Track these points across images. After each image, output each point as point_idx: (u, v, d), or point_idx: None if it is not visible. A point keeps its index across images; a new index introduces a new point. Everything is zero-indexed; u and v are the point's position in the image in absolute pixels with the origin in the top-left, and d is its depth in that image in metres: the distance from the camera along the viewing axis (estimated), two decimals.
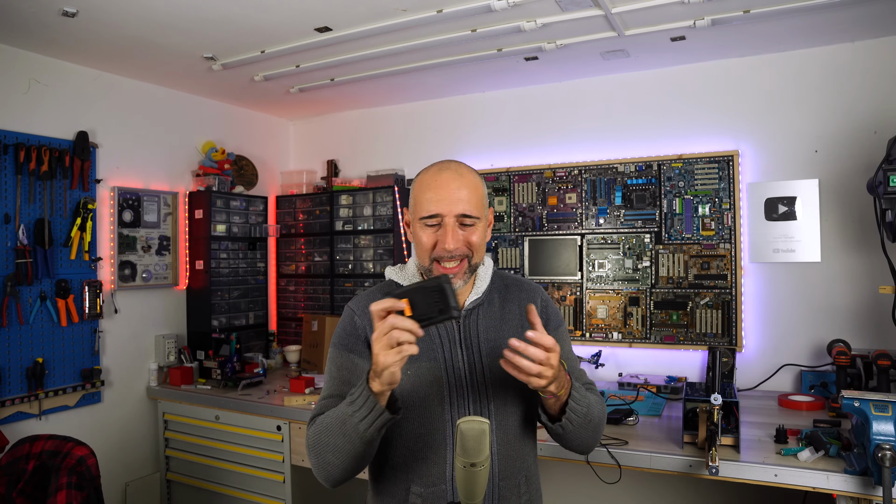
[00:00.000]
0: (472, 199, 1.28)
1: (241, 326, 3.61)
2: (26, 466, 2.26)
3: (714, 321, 2.91)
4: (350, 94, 3.55)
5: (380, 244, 3.60)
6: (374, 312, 1.09)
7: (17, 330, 2.67)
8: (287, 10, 2.34)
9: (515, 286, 1.45)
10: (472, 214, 1.28)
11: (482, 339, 1.33)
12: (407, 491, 1.29)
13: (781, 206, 2.80)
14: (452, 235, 1.26)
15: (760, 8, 2.31)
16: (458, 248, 1.27)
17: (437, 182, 1.29)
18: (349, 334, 1.36)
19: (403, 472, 1.31)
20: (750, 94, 2.89)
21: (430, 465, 1.28)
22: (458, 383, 1.30)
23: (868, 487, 1.74)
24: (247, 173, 3.82)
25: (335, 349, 1.36)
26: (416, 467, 1.29)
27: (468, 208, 1.27)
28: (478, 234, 1.30)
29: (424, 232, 1.30)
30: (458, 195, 1.27)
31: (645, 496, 2.96)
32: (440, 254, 1.27)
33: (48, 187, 2.78)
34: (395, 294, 1.10)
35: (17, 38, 2.59)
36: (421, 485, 1.28)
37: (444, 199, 1.27)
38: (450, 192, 1.27)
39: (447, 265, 1.27)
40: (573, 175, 3.23)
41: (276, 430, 2.79)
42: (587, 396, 1.28)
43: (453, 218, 1.27)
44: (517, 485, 1.33)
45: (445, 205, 1.26)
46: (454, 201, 1.27)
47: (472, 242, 1.28)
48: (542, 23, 2.44)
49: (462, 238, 1.27)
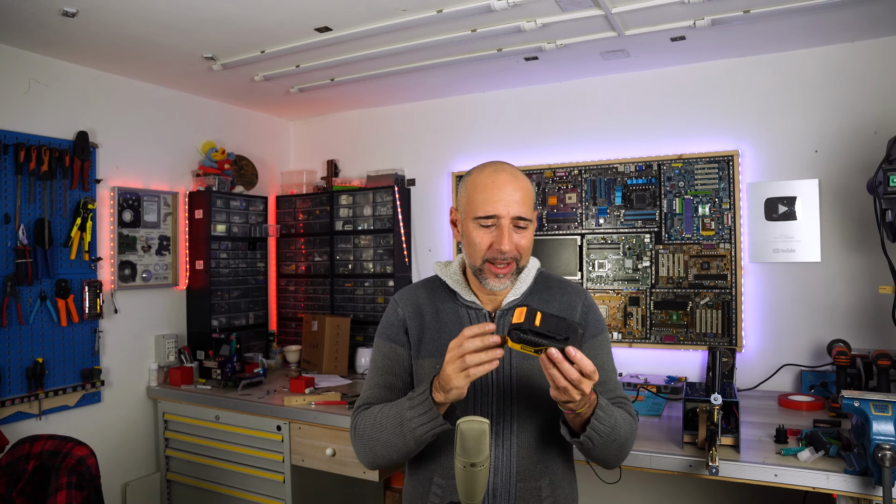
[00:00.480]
0: (526, 201, 1.30)
1: (241, 326, 3.61)
2: (26, 466, 2.26)
3: (714, 321, 2.91)
4: (350, 94, 3.55)
5: (380, 244, 3.60)
6: (465, 335, 1.11)
7: (17, 330, 2.67)
8: (287, 10, 2.34)
9: (558, 288, 1.45)
10: (526, 217, 1.29)
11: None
12: (430, 481, 1.35)
13: (781, 206, 2.80)
14: (508, 238, 1.27)
15: (760, 8, 2.31)
16: (511, 251, 1.28)
17: (495, 183, 1.29)
18: (392, 325, 1.41)
19: (429, 463, 1.36)
20: (750, 94, 2.89)
21: (450, 459, 1.31)
22: (485, 382, 1.32)
23: (868, 487, 1.74)
24: (247, 173, 3.82)
25: (380, 339, 1.42)
26: (440, 459, 1.34)
27: (523, 211, 1.29)
28: (528, 238, 1.31)
29: (478, 232, 1.30)
30: (514, 197, 1.28)
31: (645, 496, 2.96)
32: (494, 255, 1.28)
33: (48, 187, 2.78)
34: (529, 309, 1.11)
35: (17, 38, 2.59)
36: (442, 476, 1.34)
37: (501, 201, 1.27)
38: (507, 193, 1.28)
39: (499, 267, 1.28)
40: (573, 175, 3.23)
41: (276, 430, 2.79)
42: (613, 415, 1.25)
43: (509, 220, 1.28)
44: (538, 488, 1.33)
45: (503, 206, 1.27)
46: (511, 203, 1.28)
47: (521, 245, 1.29)
48: (542, 23, 2.44)
49: (516, 240, 1.28)
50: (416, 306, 1.42)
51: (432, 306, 1.41)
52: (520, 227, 1.29)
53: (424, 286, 1.46)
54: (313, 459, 2.69)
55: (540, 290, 1.42)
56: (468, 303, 1.37)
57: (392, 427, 1.23)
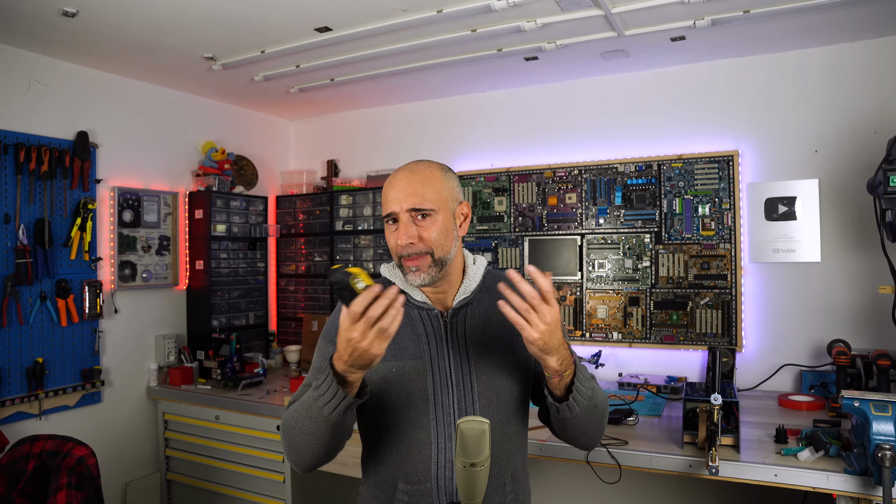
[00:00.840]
0: (425, 192, 1.28)
1: (241, 326, 3.61)
2: (26, 466, 2.26)
3: (714, 321, 2.91)
4: (350, 94, 3.55)
5: (380, 244, 3.60)
6: (357, 310, 1.08)
7: (17, 330, 2.67)
8: (287, 10, 2.34)
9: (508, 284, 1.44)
10: (423, 207, 1.27)
11: (469, 338, 1.33)
12: (394, 487, 1.31)
13: (781, 206, 2.80)
14: (405, 230, 1.27)
15: (760, 8, 2.31)
16: (411, 243, 1.27)
17: (391, 183, 1.32)
18: (335, 327, 1.37)
19: (391, 469, 1.32)
20: (750, 94, 2.89)
21: (416, 462, 1.28)
22: (444, 382, 1.31)
23: (868, 487, 1.73)
24: (247, 173, 3.83)
25: (321, 340, 1.39)
26: (402, 464, 1.30)
27: (418, 202, 1.27)
28: (435, 228, 1.28)
29: (388, 233, 1.32)
30: (409, 190, 1.28)
31: (645, 496, 2.96)
32: (401, 251, 1.29)
33: (48, 187, 2.78)
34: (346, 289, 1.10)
35: (17, 38, 2.59)
36: (407, 482, 1.29)
37: (394, 199, 1.29)
38: (399, 189, 1.29)
39: (410, 259, 1.28)
40: (573, 175, 3.23)
41: (276, 430, 2.79)
42: (592, 380, 1.28)
43: (406, 213, 1.27)
44: (502, 484, 1.32)
45: (396, 203, 1.28)
46: (404, 198, 1.28)
47: (424, 236, 1.27)
48: (542, 23, 2.44)
49: (415, 233, 1.27)
50: None
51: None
52: (420, 219, 1.28)
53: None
54: None
55: (489, 287, 1.40)
56: (419, 303, 1.36)
57: (304, 412, 1.20)
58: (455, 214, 1.34)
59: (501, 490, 1.32)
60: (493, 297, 1.39)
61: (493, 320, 1.36)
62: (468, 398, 1.31)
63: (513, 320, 1.13)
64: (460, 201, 1.37)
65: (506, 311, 1.14)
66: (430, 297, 1.37)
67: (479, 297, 1.39)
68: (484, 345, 1.33)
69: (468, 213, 1.39)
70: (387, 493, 1.32)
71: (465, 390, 1.31)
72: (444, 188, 1.32)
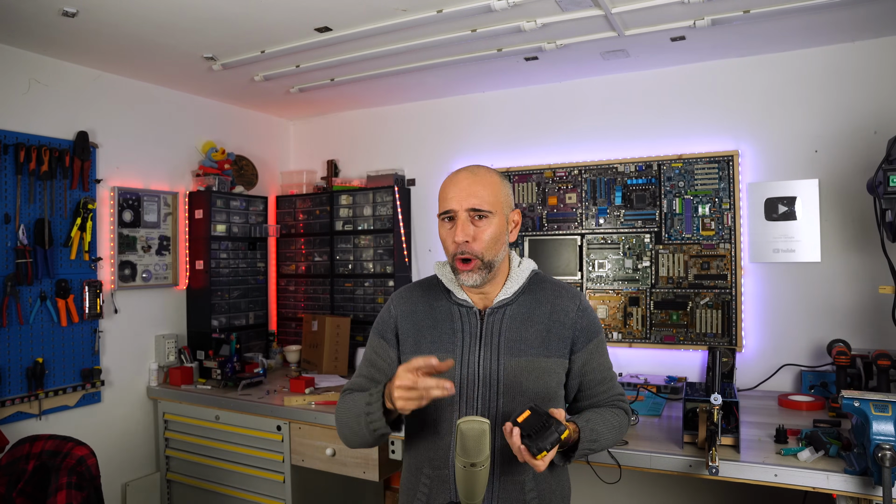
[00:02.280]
0: (484, 195, 1.34)
1: (241, 326, 3.61)
2: (26, 466, 2.26)
3: (714, 321, 2.91)
4: (350, 94, 3.55)
5: (380, 244, 3.60)
6: (412, 367, 1.22)
7: (17, 330, 2.67)
8: (287, 10, 2.34)
9: (552, 290, 1.48)
10: (482, 208, 1.34)
11: (503, 339, 1.38)
12: (420, 471, 1.41)
13: (781, 206, 2.80)
14: (462, 228, 1.33)
15: (760, 8, 2.31)
16: (469, 244, 1.33)
17: (453, 181, 1.38)
18: (384, 322, 1.51)
19: (418, 453, 1.43)
20: (750, 94, 2.89)
21: (438, 450, 1.37)
22: (471, 378, 1.36)
23: (868, 487, 1.74)
24: (247, 173, 3.83)
25: (372, 333, 1.52)
26: (427, 451, 1.40)
27: (478, 203, 1.34)
28: (489, 230, 1.35)
29: (443, 229, 1.39)
30: (469, 191, 1.34)
31: (645, 496, 2.96)
32: (455, 249, 1.35)
33: (48, 187, 2.78)
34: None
35: (17, 38, 2.59)
36: (431, 466, 1.38)
37: (455, 197, 1.35)
38: (461, 188, 1.35)
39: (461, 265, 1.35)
40: (573, 175, 3.23)
41: (276, 430, 2.79)
42: (596, 431, 1.35)
43: (465, 212, 1.34)
44: (521, 482, 1.35)
45: (456, 201, 1.35)
46: (465, 197, 1.34)
47: (478, 236, 1.34)
48: (542, 23, 2.44)
49: (472, 232, 1.33)
50: (411, 304, 1.49)
51: (427, 304, 1.47)
52: (477, 219, 1.35)
53: (422, 285, 1.53)
54: (313, 459, 2.70)
55: (532, 290, 1.45)
56: (461, 301, 1.43)
57: (354, 417, 1.36)
58: (508, 220, 1.42)
59: (521, 488, 1.35)
60: (535, 300, 1.45)
61: (529, 322, 1.41)
62: (493, 395, 1.36)
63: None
64: (513, 208, 1.44)
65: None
66: (472, 296, 1.44)
67: (521, 300, 1.43)
68: (516, 345, 1.38)
69: (519, 220, 1.46)
70: (415, 476, 1.42)
71: (491, 387, 1.36)
72: (501, 193, 1.39)
